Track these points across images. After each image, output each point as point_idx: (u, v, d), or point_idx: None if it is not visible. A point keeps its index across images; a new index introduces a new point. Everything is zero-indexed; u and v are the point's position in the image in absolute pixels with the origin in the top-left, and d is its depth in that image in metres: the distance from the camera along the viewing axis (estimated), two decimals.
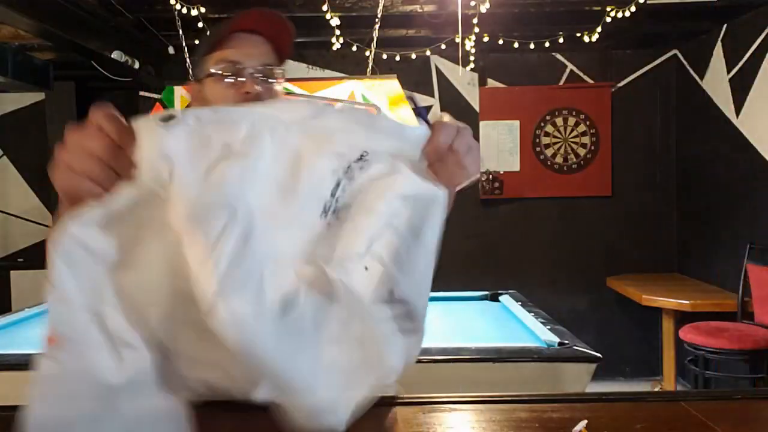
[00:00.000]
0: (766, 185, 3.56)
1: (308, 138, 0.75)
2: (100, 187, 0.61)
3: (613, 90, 4.55)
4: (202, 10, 3.32)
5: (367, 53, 3.71)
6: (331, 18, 3.30)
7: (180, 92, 3.03)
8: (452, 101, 4.56)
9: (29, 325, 2.78)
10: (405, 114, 3.33)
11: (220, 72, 1.08)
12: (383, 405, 0.98)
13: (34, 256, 4.66)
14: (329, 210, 0.75)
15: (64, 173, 0.61)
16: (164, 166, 0.64)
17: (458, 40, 3.52)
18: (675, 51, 4.54)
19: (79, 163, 0.60)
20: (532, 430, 0.84)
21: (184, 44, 3.46)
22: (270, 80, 1.10)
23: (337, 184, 0.76)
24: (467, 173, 0.88)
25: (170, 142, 0.65)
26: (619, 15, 3.50)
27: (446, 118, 0.86)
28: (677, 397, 0.98)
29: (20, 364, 2.02)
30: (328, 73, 4.46)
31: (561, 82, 4.59)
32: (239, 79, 1.08)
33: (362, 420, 0.91)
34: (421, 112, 1.12)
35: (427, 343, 2.34)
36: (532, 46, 4.13)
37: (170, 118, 0.66)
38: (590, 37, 3.85)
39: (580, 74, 4.58)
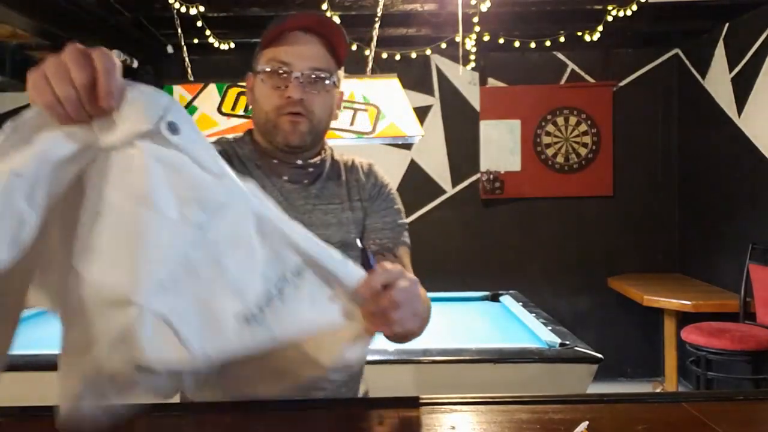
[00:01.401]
0: None
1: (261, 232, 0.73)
2: (64, 113, 0.61)
3: (614, 89, 4.54)
4: (201, 9, 3.31)
5: (367, 52, 3.70)
6: (331, 17, 3.29)
7: (178, 91, 3.02)
8: (452, 101, 4.55)
9: (25, 326, 2.77)
10: (403, 116, 3.31)
11: (268, 70, 1.08)
12: (385, 407, 0.96)
13: None
14: (250, 319, 0.70)
15: (40, 81, 0.61)
16: (136, 152, 0.64)
17: (459, 39, 3.50)
18: (676, 50, 4.53)
19: (57, 80, 0.61)
20: (533, 431, 0.83)
21: (182, 43, 3.45)
22: (316, 86, 1.09)
23: (269, 298, 0.71)
24: (397, 326, 0.80)
25: (160, 149, 0.65)
26: (621, 14, 3.49)
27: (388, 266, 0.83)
28: (679, 398, 0.98)
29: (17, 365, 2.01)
30: None
31: (562, 82, 4.58)
32: (286, 81, 1.07)
33: (364, 421, 0.90)
34: (368, 255, 1.13)
35: (427, 344, 2.32)
36: (532, 45, 4.11)
37: (175, 129, 0.66)
38: (591, 37, 3.84)
39: (581, 73, 4.57)
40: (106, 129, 0.64)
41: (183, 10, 3.25)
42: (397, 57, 4.22)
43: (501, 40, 4.02)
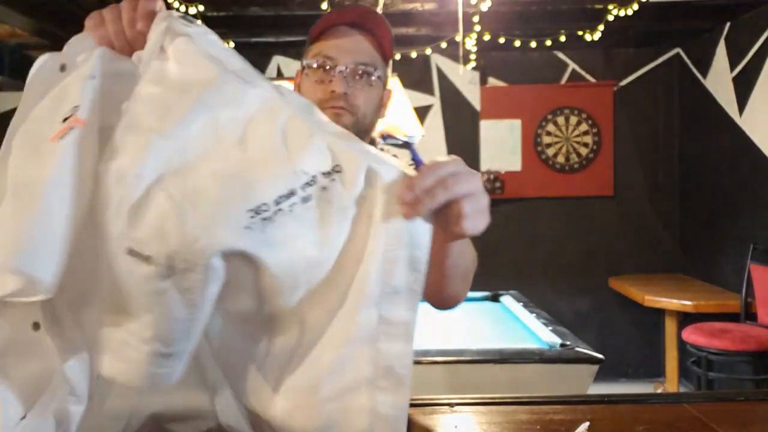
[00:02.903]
0: None
1: (289, 124, 0.66)
2: (110, 39, 0.71)
3: (615, 89, 4.53)
4: (201, 8, 3.30)
5: None
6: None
7: None
8: (453, 100, 4.55)
9: None
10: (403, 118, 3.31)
11: (313, 65, 1.08)
12: None
13: None
14: (261, 213, 0.62)
15: (96, 17, 0.72)
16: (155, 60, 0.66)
17: (459, 38, 3.50)
18: (677, 49, 4.52)
19: (109, 16, 0.72)
20: (534, 431, 0.83)
21: None
22: (361, 81, 1.07)
23: (289, 194, 0.63)
24: (466, 221, 0.67)
25: (177, 41, 0.66)
26: (622, 13, 3.49)
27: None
28: (680, 398, 0.97)
29: None
30: None
31: (563, 81, 4.57)
32: (330, 75, 1.06)
33: None
34: (412, 150, 0.99)
35: (427, 345, 2.32)
36: (533, 44, 4.11)
37: (189, 20, 0.67)
38: (592, 36, 3.84)
39: (582, 73, 4.56)
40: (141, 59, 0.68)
41: (183, 9, 3.25)
42: (397, 57, 4.21)
43: (501, 40, 4.01)
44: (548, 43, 4.05)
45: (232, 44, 3.89)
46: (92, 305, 0.64)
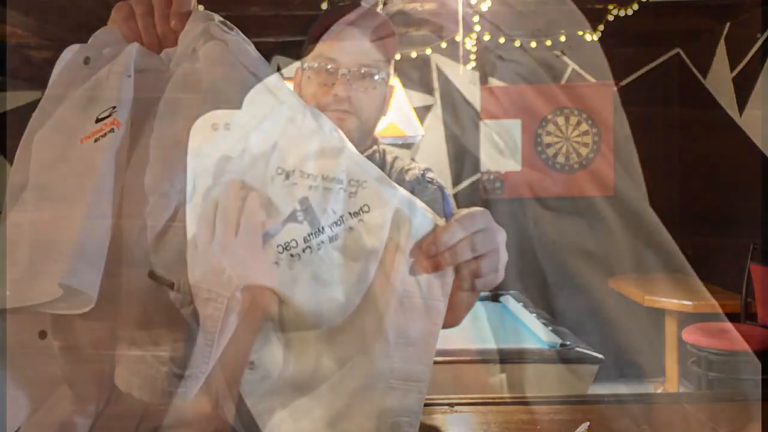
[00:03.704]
0: None
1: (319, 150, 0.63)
2: (138, 33, 0.66)
3: (615, 89, 4.53)
4: (200, 8, 3.30)
5: None
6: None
7: None
8: (453, 100, 4.55)
9: None
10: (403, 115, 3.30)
11: (314, 66, 1.05)
12: None
13: None
14: (289, 249, 0.61)
15: (124, 9, 0.67)
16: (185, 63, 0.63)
17: (459, 38, 3.50)
18: (677, 50, 4.52)
19: (139, 9, 0.67)
20: None
21: None
22: (364, 83, 1.05)
23: (317, 231, 0.61)
24: (480, 282, 0.68)
25: (209, 46, 0.63)
26: (622, 13, 3.49)
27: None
28: (680, 399, 0.97)
29: None
30: None
31: (563, 81, 4.57)
32: (332, 78, 1.03)
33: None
34: (445, 197, 1.00)
35: None
36: (533, 44, 4.10)
37: (228, 26, 0.64)
38: (592, 36, 3.83)
39: (582, 73, 4.56)
40: (171, 56, 0.65)
41: None
42: (397, 56, 4.21)
43: (501, 40, 4.01)
44: (548, 43, 4.05)
45: None
46: (107, 313, 0.62)
